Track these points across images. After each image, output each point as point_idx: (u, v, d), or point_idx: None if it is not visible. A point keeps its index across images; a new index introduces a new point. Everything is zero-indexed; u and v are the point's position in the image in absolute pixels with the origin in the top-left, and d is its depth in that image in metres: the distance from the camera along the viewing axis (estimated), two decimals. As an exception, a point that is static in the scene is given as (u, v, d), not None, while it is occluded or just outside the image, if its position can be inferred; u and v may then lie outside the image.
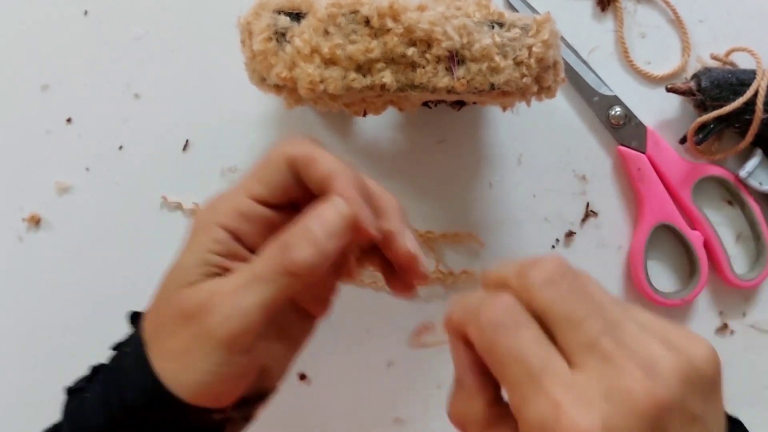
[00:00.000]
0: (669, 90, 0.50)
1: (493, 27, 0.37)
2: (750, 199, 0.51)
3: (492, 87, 0.37)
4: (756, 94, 0.48)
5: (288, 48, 0.36)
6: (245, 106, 0.49)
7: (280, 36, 0.36)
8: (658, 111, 0.52)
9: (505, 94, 0.38)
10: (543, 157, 0.51)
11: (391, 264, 0.36)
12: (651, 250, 0.51)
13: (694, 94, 0.49)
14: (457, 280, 0.50)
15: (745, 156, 0.51)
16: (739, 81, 0.48)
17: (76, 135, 0.49)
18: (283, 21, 0.36)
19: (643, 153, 0.51)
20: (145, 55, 0.49)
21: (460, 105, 0.48)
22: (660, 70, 0.52)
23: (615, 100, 0.51)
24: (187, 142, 0.49)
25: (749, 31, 0.52)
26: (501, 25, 0.38)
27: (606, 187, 0.52)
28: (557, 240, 0.51)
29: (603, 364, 0.26)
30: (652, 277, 0.51)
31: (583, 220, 0.52)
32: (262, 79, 0.39)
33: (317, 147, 0.34)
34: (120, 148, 0.49)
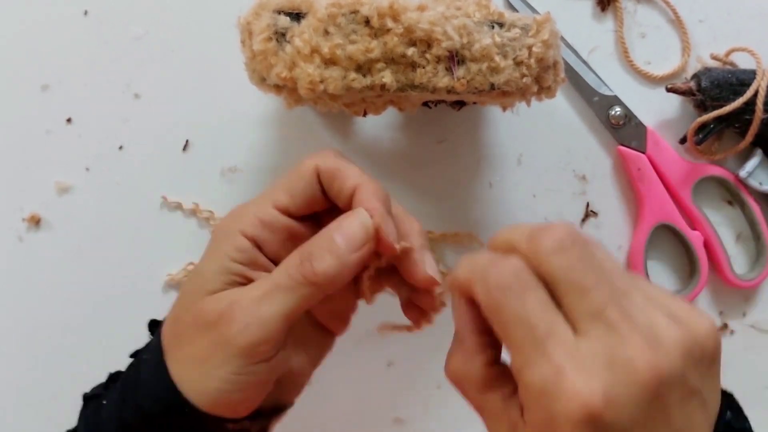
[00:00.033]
0: (669, 90, 0.50)
1: (493, 27, 0.37)
2: (750, 199, 0.51)
3: (492, 87, 0.37)
4: (756, 94, 0.48)
5: (288, 48, 0.36)
6: (245, 106, 0.49)
7: (280, 36, 0.36)
8: (658, 111, 0.52)
9: (505, 94, 0.38)
10: (543, 157, 0.51)
11: (409, 290, 0.36)
12: (651, 250, 0.51)
13: (694, 94, 0.49)
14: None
15: (745, 156, 0.51)
16: (739, 81, 0.48)
17: (76, 135, 0.49)
18: (283, 21, 0.36)
19: (643, 153, 0.51)
20: (145, 55, 0.49)
21: (460, 105, 0.48)
22: (660, 70, 0.52)
23: (615, 100, 0.51)
24: (187, 142, 0.49)
25: (749, 31, 0.52)
26: (501, 25, 0.38)
27: (606, 187, 0.52)
28: (557, 240, 0.51)
29: (608, 333, 0.26)
30: (652, 277, 0.51)
31: (583, 220, 0.52)
32: (262, 79, 0.39)
33: (344, 160, 0.34)
34: (120, 148, 0.49)
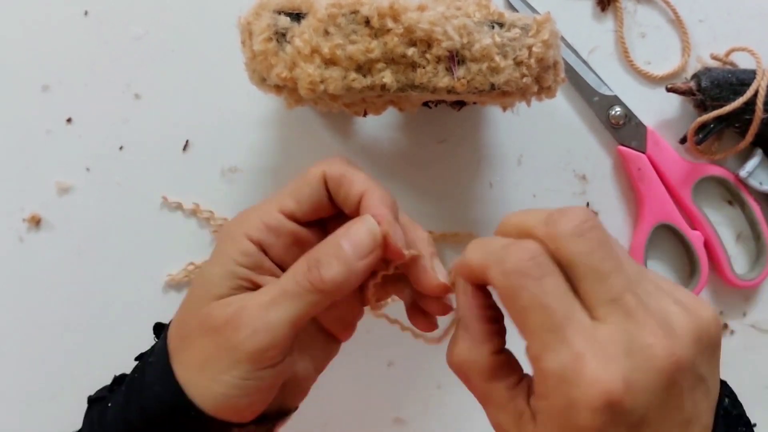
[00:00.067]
0: (669, 90, 0.50)
1: (493, 27, 0.37)
2: (750, 199, 0.51)
3: (492, 87, 0.37)
4: (756, 94, 0.48)
5: (288, 48, 0.36)
6: (245, 106, 0.49)
7: (281, 36, 0.36)
8: (658, 111, 0.52)
9: (505, 94, 0.38)
10: (543, 157, 0.51)
11: (415, 297, 0.36)
12: (651, 249, 0.51)
13: (694, 94, 0.49)
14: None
15: (745, 156, 0.51)
16: (739, 81, 0.49)
17: (77, 135, 0.49)
18: (284, 21, 0.36)
19: (643, 153, 0.51)
20: (145, 55, 0.49)
21: (460, 105, 0.48)
22: (660, 70, 0.52)
23: (615, 100, 0.51)
24: (187, 142, 0.49)
25: (749, 31, 0.52)
26: (501, 25, 0.38)
27: (606, 187, 0.52)
28: (557, 240, 0.51)
29: (626, 319, 0.26)
30: (652, 277, 0.51)
31: (583, 220, 0.52)
32: (262, 80, 0.39)
33: (352, 167, 0.35)
34: (120, 148, 0.49)
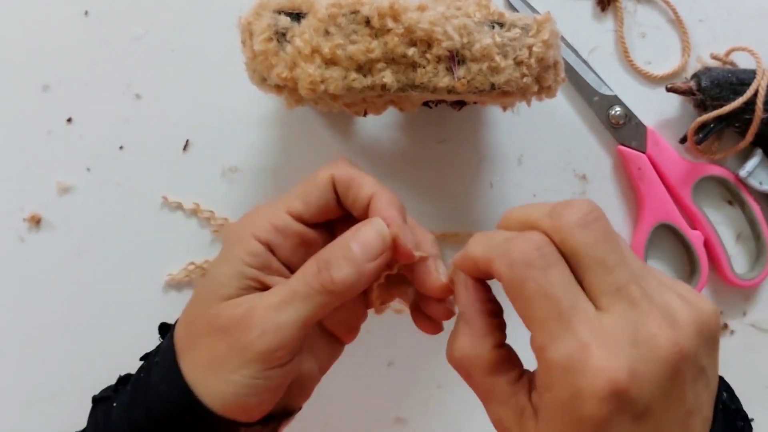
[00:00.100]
0: (669, 90, 0.50)
1: (493, 27, 0.37)
2: (750, 199, 0.51)
3: (492, 87, 0.37)
4: (756, 94, 0.48)
5: (288, 48, 0.36)
6: (245, 106, 0.49)
7: (281, 36, 0.36)
8: (658, 111, 0.52)
9: (505, 94, 0.38)
10: (543, 156, 0.51)
11: (419, 300, 0.36)
12: (651, 249, 0.51)
13: (694, 94, 0.49)
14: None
15: (745, 155, 0.51)
16: (739, 80, 0.49)
17: (77, 135, 0.49)
18: (284, 21, 0.36)
19: (643, 153, 0.51)
20: (145, 55, 0.49)
21: (460, 105, 0.48)
22: (660, 69, 0.52)
23: (615, 100, 0.51)
24: (187, 142, 0.49)
25: (749, 31, 0.52)
26: (501, 25, 0.38)
27: (606, 187, 0.52)
28: (557, 240, 0.51)
29: (630, 309, 0.26)
30: (652, 277, 0.51)
31: (584, 220, 0.52)
32: (262, 79, 0.39)
33: (359, 170, 0.35)
34: (120, 148, 0.49)
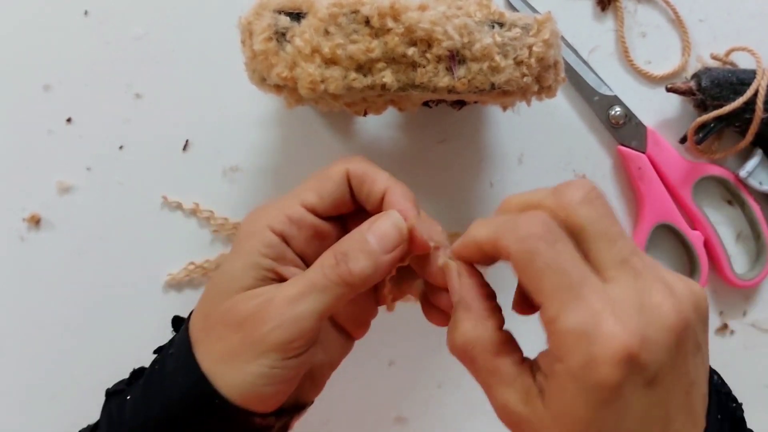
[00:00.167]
0: (669, 90, 0.50)
1: (493, 27, 0.37)
2: (750, 199, 0.51)
3: (492, 86, 0.37)
4: (756, 94, 0.48)
5: (289, 48, 0.36)
6: (245, 106, 0.49)
7: (281, 36, 0.36)
8: (658, 111, 0.52)
9: (505, 94, 0.38)
10: (543, 156, 0.51)
11: (428, 292, 0.36)
12: (651, 249, 0.51)
13: (694, 94, 0.49)
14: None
15: (745, 155, 0.51)
16: (740, 80, 0.49)
17: (77, 135, 0.49)
18: (284, 21, 0.36)
19: (643, 153, 0.51)
20: (145, 55, 0.49)
21: (460, 105, 0.48)
22: (660, 69, 0.52)
23: (615, 100, 0.51)
24: (187, 142, 0.49)
25: (749, 31, 0.52)
26: (502, 25, 0.38)
27: (606, 187, 0.52)
28: (557, 239, 0.51)
29: (635, 279, 0.27)
30: (652, 277, 0.51)
31: (584, 220, 0.52)
32: (262, 79, 0.39)
33: (374, 166, 0.36)
34: (121, 148, 0.49)
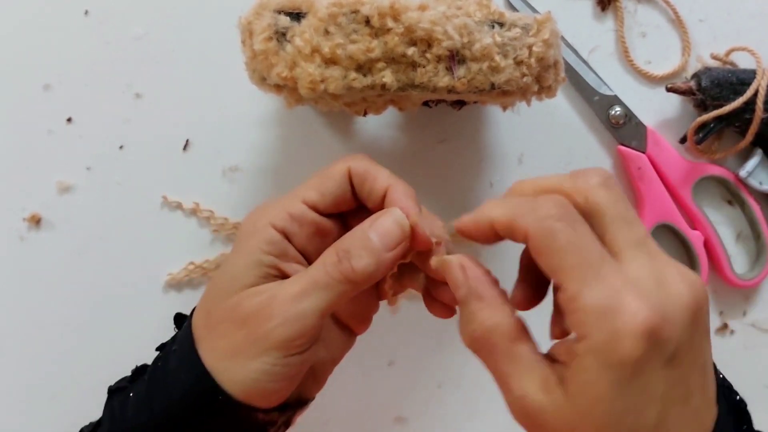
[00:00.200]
0: (669, 89, 0.50)
1: (493, 26, 0.37)
2: (750, 199, 0.51)
3: (492, 86, 0.37)
4: (756, 94, 0.48)
5: (288, 47, 0.36)
6: (245, 106, 0.49)
7: (281, 36, 0.36)
8: (658, 110, 0.52)
9: (505, 94, 0.38)
10: (543, 156, 0.51)
11: (430, 286, 0.37)
12: (651, 249, 0.51)
13: (694, 94, 0.49)
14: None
15: (745, 155, 0.51)
16: (740, 80, 0.49)
17: (77, 135, 0.49)
18: (284, 21, 0.36)
19: (643, 152, 0.51)
20: (145, 55, 0.49)
21: (460, 105, 0.48)
22: (660, 69, 0.52)
23: (615, 100, 0.51)
24: (187, 141, 0.49)
25: (749, 31, 0.52)
26: (501, 25, 0.38)
27: (606, 187, 0.52)
28: (557, 239, 0.51)
29: (651, 260, 0.28)
30: (652, 277, 0.51)
31: (584, 220, 0.52)
32: (262, 79, 0.39)
33: (376, 164, 0.36)
34: (121, 147, 0.49)
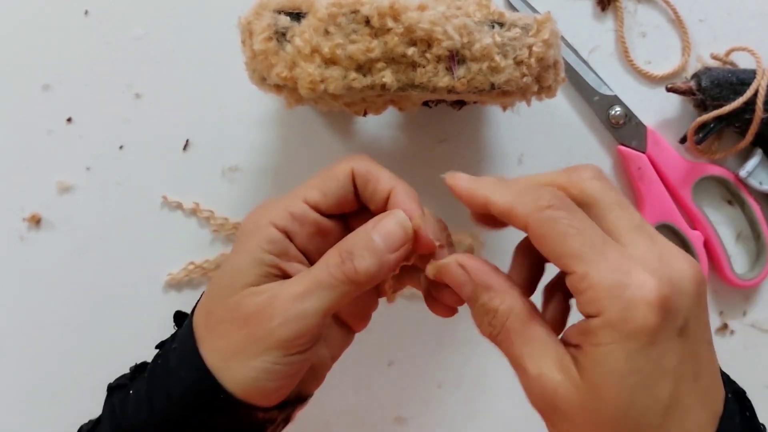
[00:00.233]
0: (669, 90, 0.50)
1: (493, 27, 0.37)
2: (750, 199, 0.51)
3: (492, 86, 0.37)
4: (756, 94, 0.48)
5: (288, 48, 0.36)
6: (245, 106, 0.49)
7: (281, 36, 0.36)
8: (658, 110, 0.52)
9: (505, 94, 0.38)
10: (543, 156, 0.51)
11: (431, 286, 0.37)
12: (651, 249, 0.51)
13: (694, 94, 0.49)
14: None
15: (745, 155, 0.51)
16: (740, 80, 0.49)
17: (77, 135, 0.49)
18: (284, 21, 0.36)
19: (643, 152, 0.51)
20: (145, 55, 0.49)
21: (460, 105, 0.48)
22: (660, 69, 0.52)
23: (615, 100, 0.51)
24: (187, 141, 0.49)
25: (749, 31, 0.52)
26: (501, 25, 0.38)
27: (606, 187, 0.52)
28: (557, 239, 0.51)
29: (651, 242, 0.30)
30: (652, 277, 0.51)
31: (584, 220, 0.52)
32: (262, 79, 0.39)
33: (378, 165, 0.36)
34: (120, 147, 0.49)
